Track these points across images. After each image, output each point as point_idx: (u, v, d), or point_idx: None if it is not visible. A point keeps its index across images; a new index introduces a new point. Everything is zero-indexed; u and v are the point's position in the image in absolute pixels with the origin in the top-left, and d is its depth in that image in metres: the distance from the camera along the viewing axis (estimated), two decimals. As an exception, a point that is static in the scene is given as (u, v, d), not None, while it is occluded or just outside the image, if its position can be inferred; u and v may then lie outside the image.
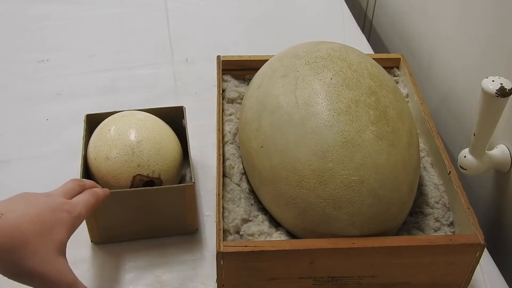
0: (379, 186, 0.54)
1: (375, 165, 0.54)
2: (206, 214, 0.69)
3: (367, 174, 0.54)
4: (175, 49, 0.99)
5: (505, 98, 0.58)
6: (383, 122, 0.56)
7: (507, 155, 0.68)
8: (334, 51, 0.61)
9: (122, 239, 0.65)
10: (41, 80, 0.90)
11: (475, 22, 0.76)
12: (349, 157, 0.54)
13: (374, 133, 0.55)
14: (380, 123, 0.56)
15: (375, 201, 0.54)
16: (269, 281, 0.56)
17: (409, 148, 0.57)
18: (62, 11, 1.07)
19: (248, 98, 0.65)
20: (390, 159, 0.55)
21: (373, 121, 0.56)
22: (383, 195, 0.55)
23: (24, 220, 0.47)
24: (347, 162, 0.54)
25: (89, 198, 0.54)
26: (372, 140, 0.55)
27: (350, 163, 0.54)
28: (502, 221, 0.73)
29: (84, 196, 0.54)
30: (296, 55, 0.62)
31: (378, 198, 0.54)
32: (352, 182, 0.54)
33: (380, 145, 0.55)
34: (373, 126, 0.55)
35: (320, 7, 1.12)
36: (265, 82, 0.62)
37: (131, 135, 0.63)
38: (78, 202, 0.53)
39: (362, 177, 0.54)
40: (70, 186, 0.55)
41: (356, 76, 0.58)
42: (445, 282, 0.58)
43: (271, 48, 0.77)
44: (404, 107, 0.60)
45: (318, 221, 0.55)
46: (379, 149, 0.55)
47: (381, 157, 0.55)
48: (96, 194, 0.56)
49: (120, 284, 0.61)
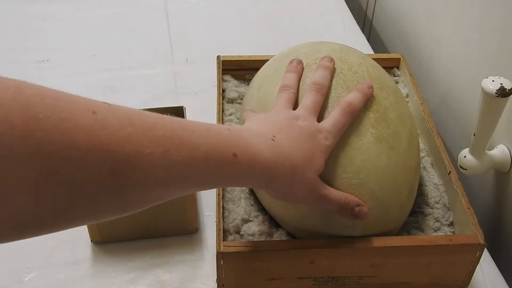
0: (379, 189, 0.54)
1: (375, 168, 0.54)
2: (206, 214, 0.69)
3: (367, 177, 0.54)
4: (175, 49, 0.99)
5: (505, 98, 0.59)
6: (383, 124, 0.56)
7: (507, 155, 0.68)
8: (335, 52, 0.61)
9: (122, 239, 0.65)
10: (41, 80, 0.89)
11: (475, 22, 0.76)
12: (349, 160, 0.54)
13: (374, 136, 0.55)
14: (380, 126, 0.56)
15: (375, 204, 0.54)
16: (269, 281, 0.56)
17: (409, 150, 0.57)
18: (62, 11, 1.07)
19: (248, 99, 0.65)
20: (390, 162, 0.55)
21: (373, 123, 0.55)
22: (383, 198, 0.55)
23: (293, 146, 0.47)
24: (347, 165, 0.54)
25: (339, 122, 0.53)
26: (372, 143, 0.55)
27: (350, 166, 0.54)
28: (502, 221, 0.73)
29: (334, 118, 0.53)
30: (297, 56, 0.62)
31: (378, 201, 0.54)
32: (352, 185, 0.54)
33: (380, 148, 0.55)
34: (373, 128, 0.55)
35: (320, 7, 1.12)
36: (265, 83, 0.62)
37: (131, 135, 0.63)
38: (329, 130, 0.51)
39: (362, 180, 0.54)
40: (319, 100, 0.54)
41: (357, 78, 0.58)
42: (445, 282, 0.58)
43: (271, 48, 0.77)
44: (405, 109, 0.60)
45: (318, 224, 0.55)
46: (379, 152, 0.55)
47: (381, 160, 0.55)
48: (349, 114, 0.53)
49: (120, 284, 0.61)
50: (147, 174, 0.36)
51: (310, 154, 0.48)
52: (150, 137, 0.36)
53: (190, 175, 0.39)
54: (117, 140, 0.34)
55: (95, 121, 0.33)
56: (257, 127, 0.48)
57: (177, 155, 0.37)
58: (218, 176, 0.42)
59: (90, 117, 0.33)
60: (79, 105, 0.34)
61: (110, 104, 0.36)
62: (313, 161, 0.48)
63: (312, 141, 0.49)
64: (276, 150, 0.46)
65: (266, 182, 0.46)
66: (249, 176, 0.44)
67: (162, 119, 0.38)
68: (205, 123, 0.42)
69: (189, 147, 0.39)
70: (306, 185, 0.49)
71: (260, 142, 0.45)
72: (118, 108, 0.36)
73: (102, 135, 0.33)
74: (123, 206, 0.37)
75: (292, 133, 0.48)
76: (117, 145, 0.34)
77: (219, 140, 0.41)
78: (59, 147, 0.31)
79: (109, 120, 0.34)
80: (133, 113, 0.37)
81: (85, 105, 0.34)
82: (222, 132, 0.42)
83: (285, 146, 0.47)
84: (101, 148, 0.33)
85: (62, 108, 0.33)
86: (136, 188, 0.36)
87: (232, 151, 0.41)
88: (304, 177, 0.48)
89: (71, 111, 0.33)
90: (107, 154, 0.33)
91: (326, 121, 0.52)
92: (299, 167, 0.47)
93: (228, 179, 0.44)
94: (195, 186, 0.42)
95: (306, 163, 0.48)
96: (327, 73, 0.56)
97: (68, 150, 0.32)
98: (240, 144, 0.43)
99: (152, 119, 0.38)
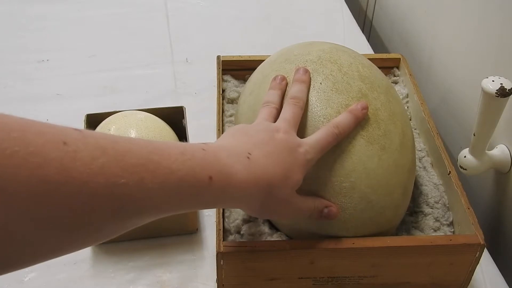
0: (371, 191, 0.54)
1: (366, 170, 0.54)
2: (206, 214, 0.69)
3: (358, 180, 0.54)
4: (175, 49, 0.99)
5: (505, 98, 0.58)
6: (374, 125, 0.56)
7: (507, 155, 0.68)
8: (325, 53, 0.60)
9: (122, 239, 0.65)
10: (41, 80, 0.90)
11: (475, 22, 0.76)
12: (340, 163, 0.54)
13: (364, 138, 0.55)
14: (371, 127, 0.55)
15: (368, 206, 0.54)
16: (269, 281, 0.56)
17: (402, 150, 0.57)
18: (62, 11, 1.07)
19: (241, 104, 0.64)
20: (382, 163, 0.55)
21: (363, 125, 0.55)
22: (375, 200, 0.54)
23: (269, 163, 0.46)
24: (338, 169, 0.54)
25: (323, 140, 0.52)
26: (362, 146, 0.54)
27: (340, 170, 0.54)
28: (502, 221, 0.73)
29: (318, 136, 0.52)
30: (287, 59, 0.61)
31: (370, 203, 0.54)
32: (343, 188, 0.53)
33: (371, 150, 0.55)
34: (363, 130, 0.55)
35: (320, 7, 1.12)
36: (256, 88, 0.62)
37: (131, 135, 0.63)
38: (311, 145, 0.51)
39: (353, 183, 0.54)
40: (297, 113, 0.53)
41: (346, 79, 0.57)
42: (445, 282, 0.58)
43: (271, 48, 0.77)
44: (397, 107, 0.59)
45: (311, 227, 0.55)
46: (370, 154, 0.54)
47: (372, 161, 0.54)
48: (335, 135, 0.52)
49: (120, 284, 0.61)
50: (122, 205, 0.35)
51: (286, 170, 0.47)
52: (124, 166, 0.35)
53: (165, 201, 0.39)
54: (89, 172, 0.32)
55: (66, 153, 0.32)
56: (234, 143, 0.47)
57: (152, 182, 0.36)
58: (194, 199, 0.41)
59: (61, 150, 0.32)
60: (49, 136, 0.32)
61: (82, 131, 0.34)
62: (290, 177, 0.48)
63: (290, 156, 0.48)
64: (252, 169, 0.45)
65: (243, 202, 0.46)
66: (225, 197, 0.44)
67: (136, 144, 0.37)
68: (180, 144, 0.41)
69: (164, 173, 0.38)
70: (282, 201, 0.48)
71: (235, 161, 0.44)
72: (90, 135, 0.35)
73: (73, 168, 0.32)
74: (98, 236, 0.36)
75: (269, 148, 0.47)
76: (89, 177, 0.32)
77: (194, 163, 0.40)
78: (28, 184, 0.30)
79: (81, 151, 0.33)
80: (105, 141, 0.35)
81: (55, 136, 0.32)
82: (197, 154, 0.41)
83: (261, 163, 0.46)
84: (73, 182, 0.32)
85: (30, 142, 0.31)
86: (111, 219, 0.35)
87: (208, 174, 0.41)
88: (280, 193, 0.47)
89: (41, 144, 0.31)
90: (78, 188, 0.32)
91: (310, 137, 0.52)
92: (275, 184, 0.46)
93: (204, 202, 0.43)
94: (171, 210, 0.41)
95: (283, 179, 0.47)
96: (303, 87, 0.56)
97: (38, 186, 0.30)
98: (215, 166, 0.42)
99: (125, 145, 0.36)
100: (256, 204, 0.47)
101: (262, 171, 0.46)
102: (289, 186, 0.48)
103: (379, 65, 0.65)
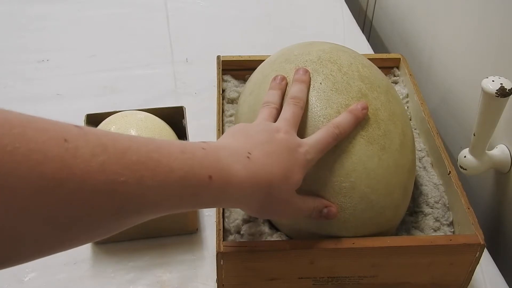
0: (371, 191, 0.54)
1: (366, 170, 0.54)
2: (206, 214, 0.69)
3: (358, 180, 0.54)
4: (175, 49, 0.99)
5: (505, 98, 0.58)
6: (374, 125, 0.56)
7: (507, 155, 0.68)
8: (325, 53, 0.60)
9: (122, 239, 0.65)
10: (41, 80, 0.90)
11: (475, 22, 0.76)
12: (340, 163, 0.54)
13: (364, 138, 0.55)
14: (371, 127, 0.55)
15: (368, 206, 0.54)
16: (269, 281, 0.56)
17: (402, 150, 0.57)
18: (62, 11, 1.07)
19: (241, 104, 0.64)
20: (382, 163, 0.55)
21: (363, 125, 0.55)
22: (375, 200, 0.54)
23: (269, 162, 0.46)
24: (338, 169, 0.54)
25: (323, 140, 0.52)
26: (362, 146, 0.54)
27: (340, 170, 0.54)
28: (502, 221, 0.73)
29: (319, 136, 0.52)
30: (287, 59, 0.61)
31: (370, 203, 0.54)
32: (343, 188, 0.54)
33: (371, 150, 0.55)
34: (363, 130, 0.55)
35: (320, 7, 1.12)
36: (256, 88, 0.62)
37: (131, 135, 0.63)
38: (311, 145, 0.51)
39: (353, 183, 0.54)
40: (298, 113, 0.53)
41: (346, 79, 0.57)
42: (445, 282, 0.58)
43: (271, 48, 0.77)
44: (397, 107, 0.59)
45: (311, 227, 0.55)
46: (370, 154, 0.54)
47: (372, 161, 0.54)
48: (335, 135, 0.52)
49: (120, 284, 0.61)
50: (121, 203, 0.35)
51: (286, 170, 0.47)
52: (124, 164, 0.35)
53: (165, 199, 0.39)
54: (89, 169, 0.33)
55: (67, 150, 0.32)
56: (234, 142, 0.47)
57: (152, 180, 0.37)
58: (194, 198, 0.41)
59: (61, 146, 0.32)
60: (50, 133, 0.32)
61: (82, 128, 0.35)
62: (290, 177, 0.48)
63: (291, 156, 0.48)
64: (252, 168, 0.45)
65: (242, 202, 0.46)
66: (225, 197, 0.44)
67: (137, 142, 0.37)
68: (181, 142, 0.41)
69: (164, 171, 0.38)
70: (282, 201, 0.48)
71: (235, 161, 0.44)
72: (91, 132, 0.35)
73: (74, 165, 0.32)
74: (98, 233, 0.36)
75: (269, 148, 0.47)
76: (89, 175, 0.32)
77: (194, 162, 0.40)
78: (28, 181, 0.30)
79: (81, 148, 0.33)
80: (106, 138, 0.35)
81: (56, 133, 0.32)
82: (197, 153, 0.41)
83: (261, 162, 0.46)
84: (73, 179, 0.32)
85: (31, 138, 0.31)
86: (110, 217, 0.35)
87: (208, 173, 0.41)
88: (280, 193, 0.47)
89: (42, 141, 0.31)
90: (78, 185, 0.32)
91: (310, 137, 0.52)
92: (275, 184, 0.46)
93: (203, 201, 0.43)
94: (170, 209, 0.41)
95: (283, 179, 0.47)
96: (303, 87, 0.56)
97: (38, 183, 0.30)
98: (215, 165, 0.42)
99: (126, 143, 0.36)
100: (256, 204, 0.47)
101: (262, 171, 0.46)
102: (289, 186, 0.48)
103: (379, 65, 0.65)
